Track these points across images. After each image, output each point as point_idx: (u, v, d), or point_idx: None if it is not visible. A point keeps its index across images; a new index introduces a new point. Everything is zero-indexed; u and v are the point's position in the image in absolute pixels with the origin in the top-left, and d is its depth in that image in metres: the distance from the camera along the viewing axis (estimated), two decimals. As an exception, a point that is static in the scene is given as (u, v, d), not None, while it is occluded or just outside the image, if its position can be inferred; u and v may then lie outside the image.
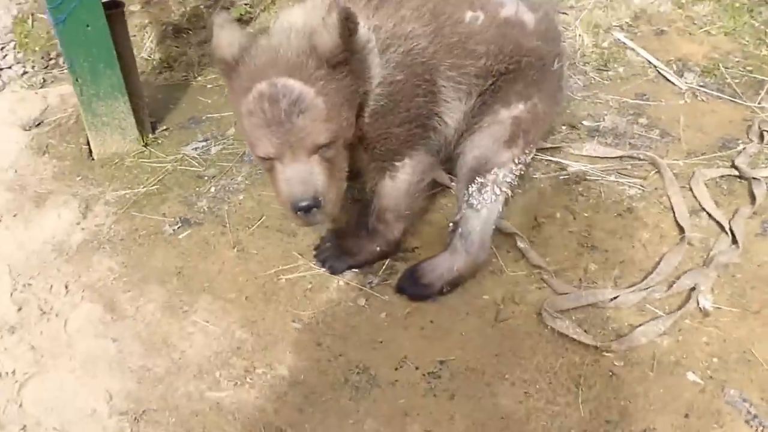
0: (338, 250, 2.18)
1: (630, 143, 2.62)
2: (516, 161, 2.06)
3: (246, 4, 3.47)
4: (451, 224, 2.14)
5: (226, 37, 1.73)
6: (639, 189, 2.43)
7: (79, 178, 2.55)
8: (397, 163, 2.02)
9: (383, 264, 2.19)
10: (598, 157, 2.57)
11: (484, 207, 2.06)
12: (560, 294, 2.07)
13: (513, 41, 1.98)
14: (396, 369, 1.89)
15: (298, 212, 1.72)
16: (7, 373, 1.91)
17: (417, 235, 2.28)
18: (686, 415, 1.77)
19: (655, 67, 3.02)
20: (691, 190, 2.41)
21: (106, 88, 2.48)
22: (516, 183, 2.11)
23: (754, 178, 2.40)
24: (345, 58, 1.70)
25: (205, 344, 1.96)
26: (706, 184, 2.43)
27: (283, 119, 1.66)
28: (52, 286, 2.14)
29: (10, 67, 3.25)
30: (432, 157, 2.08)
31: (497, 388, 1.84)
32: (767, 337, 1.93)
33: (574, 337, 1.94)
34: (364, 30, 1.82)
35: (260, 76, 1.67)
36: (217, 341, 1.97)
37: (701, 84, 2.92)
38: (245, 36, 1.76)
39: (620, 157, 2.56)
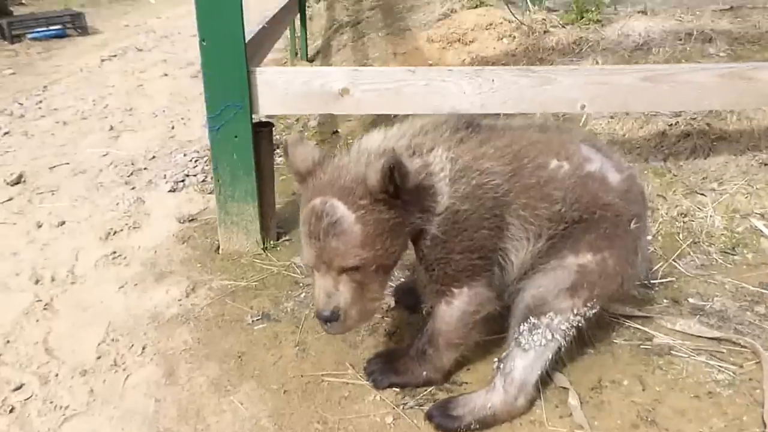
0: (387, 366, 2.15)
1: (736, 328, 2.34)
2: (575, 311, 1.94)
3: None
4: (496, 360, 2.04)
5: (300, 153, 1.91)
6: (729, 375, 2.14)
7: (200, 265, 2.82)
8: (455, 290, 2.00)
9: (426, 390, 2.11)
10: (693, 335, 2.32)
11: (532, 348, 1.95)
12: (593, 459, 1.84)
13: (592, 193, 1.96)
14: (392, 490, 1.78)
15: (320, 320, 1.81)
16: (59, 407, 2.10)
17: (470, 371, 2.19)
18: None
19: (793, 258, 2.72)
20: (791, 386, 2.07)
21: (240, 191, 2.78)
22: (572, 334, 1.98)
23: None
24: (389, 197, 1.78)
25: (230, 422, 2.01)
26: (814, 386, 2.08)
27: (321, 236, 1.77)
28: (133, 345, 2.35)
29: (195, 175, 3.76)
30: (492, 292, 2.03)
31: None
32: None
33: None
34: (439, 158, 1.92)
35: (320, 192, 1.81)
36: (241, 422, 2.01)
37: None
38: (319, 152, 1.92)
39: (717, 339, 2.29)
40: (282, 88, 2.66)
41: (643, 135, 3.43)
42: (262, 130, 2.75)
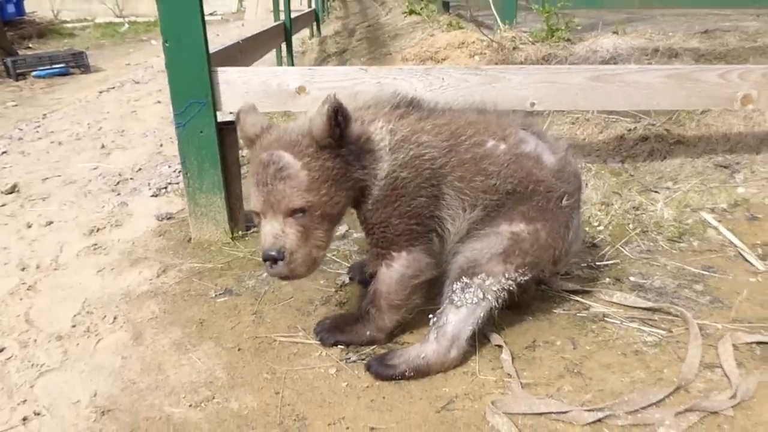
0: (333, 326, 2.40)
1: (671, 302, 2.57)
2: (506, 275, 2.18)
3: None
4: (431, 316, 2.28)
5: (250, 119, 2.22)
6: (657, 338, 2.37)
7: (172, 252, 3.12)
8: (394, 254, 2.25)
9: (369, 348, 2.36)
10: (628, 306, 2.56)
11: (464, 306, 2.19)
12: (516, 398, 2.08)
13: (526, 169, 2.21)
14: (329, 425, 2.02)
15: (265, 261, 2.06)
16: (36, 365, 2.36)
17: (413, 334, 2.43)
18: None
19: (736, 246, 2.96)
20: (716, 348, 2.30)
21: (207, 183, 3.08)
22: (503, 296, 2.20)
23: (792, 348, 2.25)
24: (334, 143, 2.06)
25: (187, 374, 2.26)
26: (737, 346, 2.31)
27: (269, 181, 2.05)
28: (105, 316, 2.62)
29: (178, 183, 4.08)
30: (431, 259, 2.28)
31: (410, 460, 1.88)
32: (725, 484, 1.76)
33: (507, 435, 1.93)
34: (379, 130, 2.20)
35: (267, 147, 2.11)
36: (197, 374, 2.26)
37: (786, 270, 2.80)
38: (267, 121, 2.23)
39: (651, 309, 2.52)
40: (242, 87, 2.99)
41: (603, 138, 3.73)
42: (226, 127, 3.07)
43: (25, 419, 2.09)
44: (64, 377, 2.29)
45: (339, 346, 2.38)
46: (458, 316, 2.20)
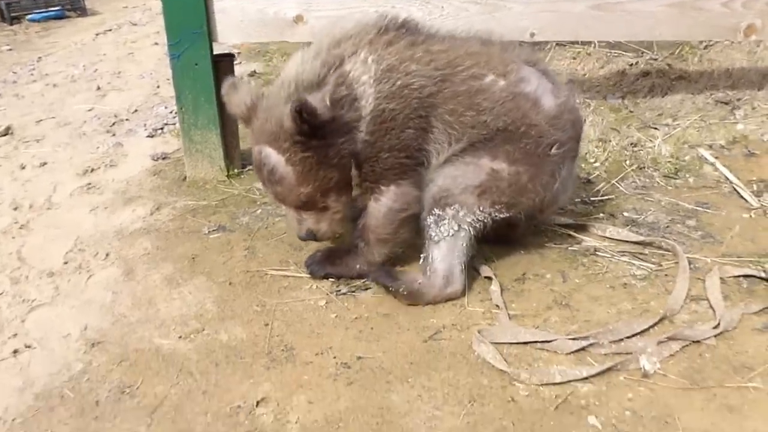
0: (324, 259, 2.44)
1: (663, 236, 2.60)
2: (480, 208, 2.18)
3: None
4: (421, 256, 2.31)
5: (235, 100, 2.27)
6: (647, 271, 2.41)
7: (166, 191, 3.16)
8: (383, 188, 2.26)
9: (357, 283, 2.41)
10: (620, 240, 2.59)
11: (441, 240, 2.21)
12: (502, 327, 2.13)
13: (522, 111, 2.17)
14: (317, 354, 2.08)
15: (304, 240, 2.31)
16: (27, 300, 2.42)
17: (407, 265, 2.46)
18: (563, 448, 1.72)
19: (731, 182, 2.97)
20: (703, 281, 2.33)
21: (203, 119, 3.09)
22: (479, 228, 2.22)
23: (778, 281, 2.28)
24: (306, 139, 2.10)
25: (178, 307, 2.32)
26: (725, 280, 2.34)
27: (267, 183, 2.21)
28: (97, 253, 2.68)
29: (174, 124, 4.09)
30: (419, 191, 2.28)
31: (395, 387, 1.94)
32: (701, 411, 1.80)
33: (492, 362, 1.98)
34: (360, 64, 2.18)
35: (256, 139, 2.19)
36: (188, 307, 2.32)
37: (780, 206, 2.81)
38: (250, 96, 2.25)
39: (642, 243, 2.55)
40: (238, 15, 2.97)
41: (604, 74, 3.71)
42: (223, 60, 3.07)
43: (15, 352, 2.16)
44: (55, 312, 2.36)
45: (330, 280, 2.42)
46: (441, 252, 2.23)
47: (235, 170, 3.24)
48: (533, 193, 2.21)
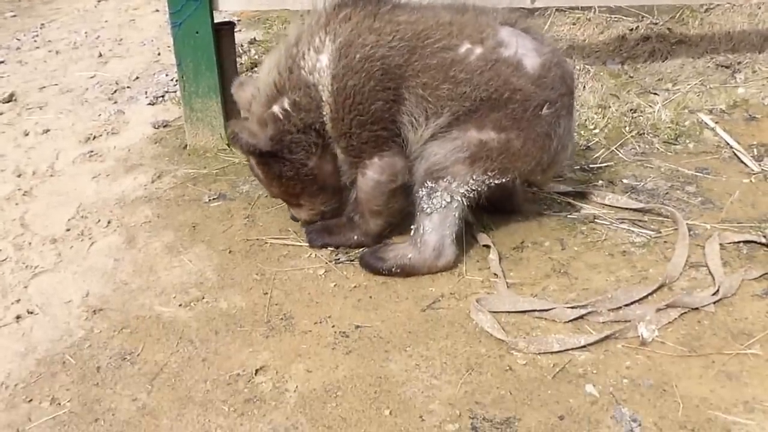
0: (322, 228, 2.39)
1: (663, 203, 2.53)
2: (474, 177, 2.09)
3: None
4: (412, 226, 2.24)
5: (241, 98, 2.38)
6: (646, 238, 2.35)
7: (167, 159, 3.09)
8: (366, 161, 2.18)
9: (358, 250, 2.35)
10: (619, 207, 2.52)
11: (434, 212, 2.13)
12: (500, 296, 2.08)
13: (503, 77, 2.06)
14: (315, 323, 2.04)
15: None
16: (30, 266, 2.38)
17: (401, 231, 2.39)
18: (561, 417, 1.68)
19: (731, 147, 2.89)
20: (703, 247, 2.27)
21: (204, 87, 3.01)
22: (473, 196, 2.14)
23: (778, 246, 2.22)
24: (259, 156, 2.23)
25: (178, 275, 2.28)
26: (724, 246, 2.28)
27: None
28: (99, 220, 2.62)
29: (175, 91, 4.00)
30: (404, 161, 2.19)
31: (393, 356, 1.90)
32: (699, 379, 1.76)
33: (490, 331, 1.94)
34: (315, 49, 2.11)
35: None
36: (188, 275, 2.27)
37: (780, 170, 2.73)
38: (251, 96, 2.30)
39: (641, 210, 2.48)
40: (239, -18, 2.87)
41: (603, 39, 3.60)
42: (223, 28, 2.98)
43: (18, 317, 2.13)
44: (58, 278, 2.32)
45: (329, 249, 2.37)
46: (432, 223, 2.15)
47: (236, 138, 3.15)
48: (529, 156, 2.11)
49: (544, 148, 2.13)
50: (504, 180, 2.13)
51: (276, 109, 2.16)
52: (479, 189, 2.12)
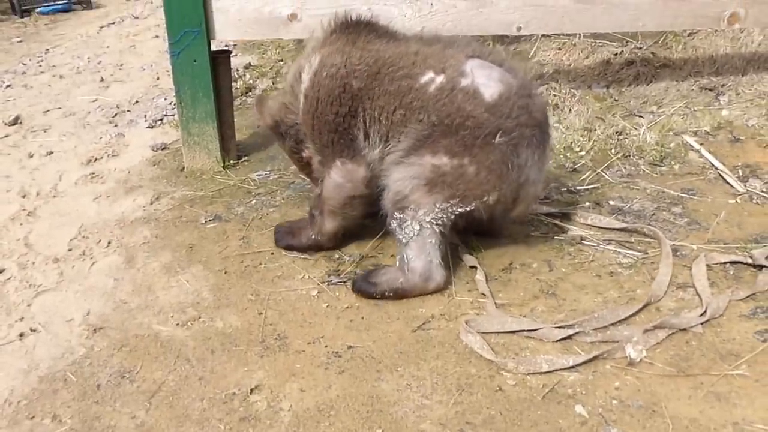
0: (287, 230, 2.48)
1: (649, 224, 2.52)
2: (438, 205, 2.07)
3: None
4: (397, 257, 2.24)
5: (267, 111, 2.44)
6: (632, 259, 2.33)
7: (165, 181, 3.07)
8: (331, 163, 2.25)
9: (348, 270, 2.33)
10: (603, 227, 2.50)
11: (410, 241, 2.12)
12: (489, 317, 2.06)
13: (456, 104, 2.05)
14: (309, 343, 2.01)
15: None
16: (33, 285, 2.36)
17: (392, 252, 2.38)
18: (548, 437, 1.65)
19: (716, 168, 2.88)
20: (690, 268, 2.26)
21: (201, 113, 3.01)
22: (445, 222, 2.12)
23: (764, 266, 2.20)
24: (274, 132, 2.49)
25: (176, 295, 2.25)
26: (711, 267, 2.26)
27: None
28: (100, 240, 2.61)
29: (173, 115, 3.99)
30: (364, 171, 2.22)
31: (385, 376, 1.87)
32: (688, 400, 1.74)
33: (479, 352, 1.92)
34: (307, 66, 2.25)
35: None
36: (185, 295, 2.25)
37: (765, 191, 2.72)
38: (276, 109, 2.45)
39: (626, 231, 2.47)
40: (235, 15, 2.88)
41: (588, 63, 3.61)
42: (219, 57, 2.98)
43: (21, 335, 2.11)
44: (60, 297, 2.30)
45: (323, 270, 2.36)
46: (413, 251, 2.14)
47: (231, 161, 3.16)
48: (486, 184, 2.06)
49: (501, 176, 2.06)
50: (468, 209, 2.09)
51: (283, 102, 2.42)
52: (447, 217, 2.10)
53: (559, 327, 1.98)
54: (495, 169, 2.05)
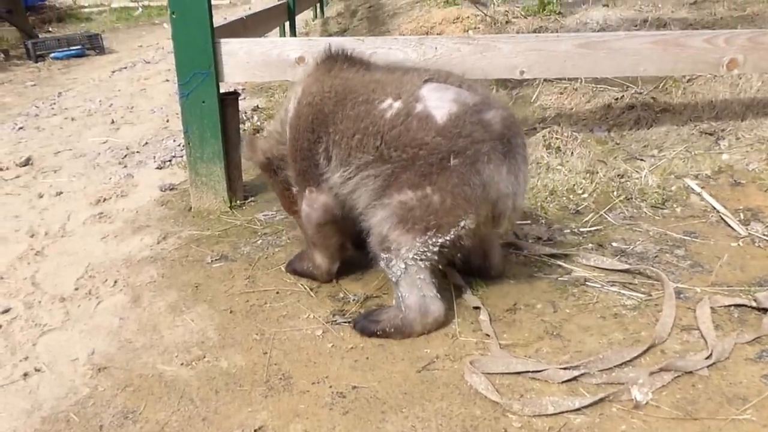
0: (296, 257, 2.57)
1: (652, 266, 2.50)
2: (418, 241, 2.04)
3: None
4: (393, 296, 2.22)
5: (258, 149, 2.45)
6: (636, 301, 2.31)
7: (173, 221, 3.08)
8: (303, 192, 2.30)
9: (353, 310, 2.32)
10: (605, 269, 2.49)
11: (399, 279, 2.11)
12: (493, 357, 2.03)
13: (411, 133, 2.02)
14: (313, 383, 1.98)
15: None
16: (39, 324, 2.34)
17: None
18: (557, 480, 1.62)
19: (718, 211, 2.88)
20: (694, 311, 2.24)
21: (208, 153, 3.03)
22: (431, 256, 2.08)
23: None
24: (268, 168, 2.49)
25: (181, 334, 2.23)
26: (715, 309, 2.24)
27: None
28: (107, 279, 2.60)
29: (182, 156, 4.03)
30: (330, 200, 2.24)
31: (390, 417, 1.84)
32: (695, 441, 1.71)
33: (484, 393, 1.89)
34: (294, 95, 2.30)
35: None
36: (190, 334, 2.23)
37: (767, 234, 2.71)
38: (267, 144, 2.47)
39: (628, 272, 2.46)
40: (244, 57, 2.93)
41: (590, 107, 3.64)
42: (227, 98, 3.02)
43: (26, 375, 2.08)
44: (65, 336, 2.28)
45: (327, 309, 2.34)
46: (405, 289, 2.13)
47: (238, 202, 3.17)
48: (457, 208, 2.00)
49: (468, 199, 1.99)
50: (449, 237, 2.05)
51: (272, 133, 2.45)
52: (430, 251, 2.07)
53: (565, 368, 1.95)
54: (459, 193, 1.99)
